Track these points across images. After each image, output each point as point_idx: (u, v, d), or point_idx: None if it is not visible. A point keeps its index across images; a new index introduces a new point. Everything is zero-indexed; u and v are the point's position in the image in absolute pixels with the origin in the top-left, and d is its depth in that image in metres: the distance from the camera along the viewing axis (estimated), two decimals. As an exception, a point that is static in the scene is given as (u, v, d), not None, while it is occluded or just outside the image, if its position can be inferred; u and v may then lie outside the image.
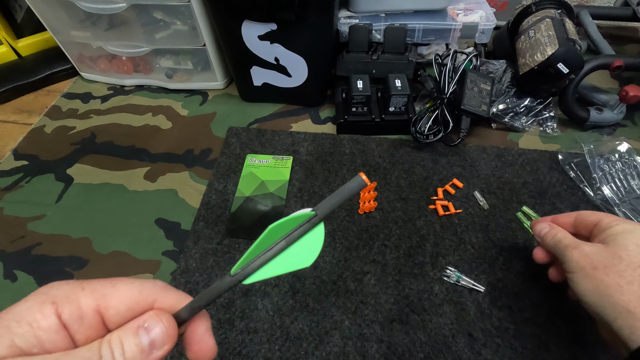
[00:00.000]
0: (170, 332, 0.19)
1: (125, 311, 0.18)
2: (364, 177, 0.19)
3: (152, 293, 0.19)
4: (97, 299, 0.18)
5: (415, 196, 0.52)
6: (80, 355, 0.16)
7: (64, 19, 0.63)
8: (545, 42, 0.53)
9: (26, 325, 0.16)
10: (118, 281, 0.19)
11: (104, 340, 0.17)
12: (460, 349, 0.39)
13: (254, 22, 0.53)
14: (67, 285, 0.18)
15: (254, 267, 0.19)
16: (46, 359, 0.16)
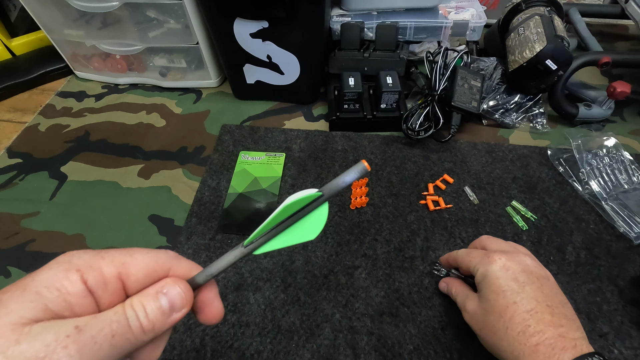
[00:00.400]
0: (187, 296, 0.21)
1: (143, 278, 0.20)
2: (366, 164, 0.20)
3: (167, 262, 0.21)
4: (117, 267, 0.19)
5: (407, 192, 0.52)
6: (108, 318, 0.18)
7: (57, 18, 0.63)
8: (534, 39, 0.54)
9: (55, 291, 0.17)
10: (134, 251, 0.20)
11: (127, 304, 0.19)
12: (449, 340, 0.40)
13: (245, 19, 0.53)
14: (87, 254, 0.19)
15: (265, 239, 0.21)
16: (78, 321, 0.17)
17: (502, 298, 0.33)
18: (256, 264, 0.46)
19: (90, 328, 0.17)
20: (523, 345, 0.30)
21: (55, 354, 0.16)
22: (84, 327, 0.17)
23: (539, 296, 0.32)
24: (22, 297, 0.17)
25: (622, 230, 0.47)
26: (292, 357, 0.39)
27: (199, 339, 0.40)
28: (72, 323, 0.17)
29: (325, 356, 0.39)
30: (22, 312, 0.16)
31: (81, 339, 0.17)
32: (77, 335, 0.17)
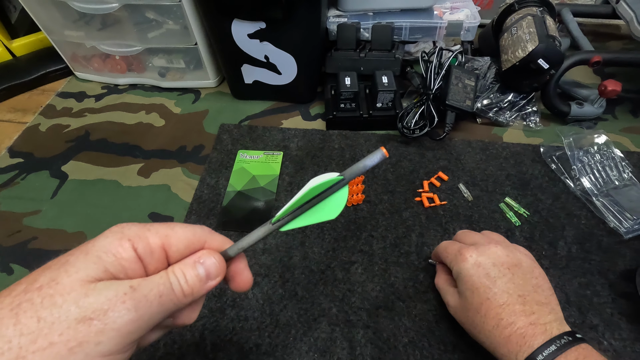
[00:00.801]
0: (221, 266, 0.24)
1: (183, 249, 0.23)
2: (385, 151, 0.22)
3: (203, 235, 0.24)
4: (161, 238, 0.22)
5: (402, 189, 0.53)
6: (155, 281, 0.21)
7: (57, 19, 0.64)
8: (526, 39, 0.55)
9: (112, 256, 0.20)
10: (175, 225, 0.23)
11: (170, 271, 0.22)
12: (443, 333, 0.41)
13: (243, 20, 0.54)
14: (135, 227, 0.22)
15: (291, 218, 0.24)
16: (132, 282, 0.20)
17: (476, 296, 0.35)
18: (255, 259, 0.46)
19: (143, 288, 0.20)
20: (498, 337, 0.32)
21: (117, 306, 0.19)
22: (137, 287, 0.20)
23: (510, 288, 0.34)
24: (86, 259, 0.20)
25: (612, 225, 0.48)
26: (290, 350, 0.40)
27: (199, 333, 0.41)
28: (127, 283, 0.20)
29: (322, 349, 0.40)
30: (88, 271, 0.19)
31: (136, 296, 0.20)
32: (133, 293, 0.20)
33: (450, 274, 0.40)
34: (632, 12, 0.61)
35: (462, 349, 0.39)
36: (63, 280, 0.19)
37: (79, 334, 0.18)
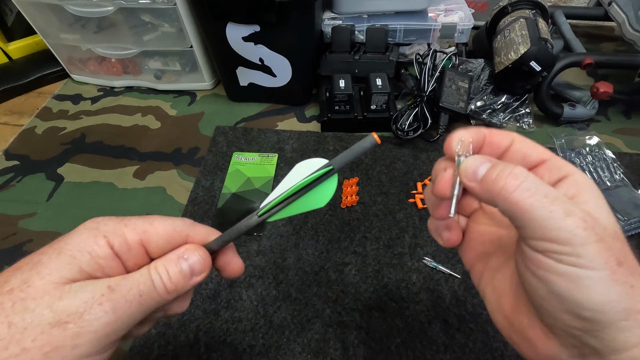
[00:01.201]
0: (206, 262, 0.23)
1: (163, 244, 0.22)
2: (376, 137, 0.21)
3: (184, 229, 0.23)
4: (139, 234, 0.21)
5: (396, 190, 0.54)
6: (136, 279, 0.20)
7: (53, 22, 0.64)
8: (519, 42, 0.56)
9: (87, 255, 0.19)
10: (154, 219, 0.22)
11: (152, 267, 0.21)
12: (436, 334, 0.41)
13: (237, 24, 0.55)
14: (111, 222, 0.21)
15: (277, 210, 0.23)
16: (110, 281, 0.19)
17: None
18: (249, 261, 0.47)
19: (121, 288, 0.19)
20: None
21: (93, 309, 0.18)
22: (115, 287, 0.19)
23: None
24: (60, 259, 0.19)
25: (603, 226, 0.48)
26: (284, 351, 0.40)
27: (193, 335, 0.41)
28: (105, 283, 0.19)
29: (316, 350, 0.40)
30: (62, 272, 0.19)
31: (114, 297, 0.19)
32: (110, 294, 0.19)
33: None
34: (624, 15, 0.62)
35: (453, 350, 0.40)
36: (35, 283, 0.18)
37: (53, 339, 0.17)
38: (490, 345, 0.40)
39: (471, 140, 0.22)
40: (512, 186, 0.18)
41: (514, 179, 0.18)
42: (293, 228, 0.50)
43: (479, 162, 0.20)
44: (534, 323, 0.20)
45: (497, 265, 0.23)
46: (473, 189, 0.20)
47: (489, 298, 0.23)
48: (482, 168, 0.20)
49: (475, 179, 0.20)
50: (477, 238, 0.25)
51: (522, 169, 0.18)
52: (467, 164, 0.20)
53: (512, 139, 0.21)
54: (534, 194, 0.17)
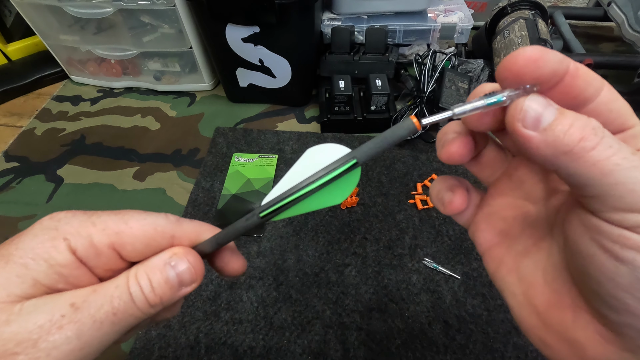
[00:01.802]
0: (198, 270, 0.18)
1: (142, 248, 0.17)
2: (415, 121, 0.16)
3: (168, 228, 0.18)
4: (110, 236, 0.17)
5: (396, 191, 0.54)
6: (109, 294, 0.16)
7: (52, 24, 0.64)
8: (518, 42, 0.56)
9: (43, 262, 0.15)
10: (130, 216, 0.17)
11: (131, 277, 0.17)
12: (436, 335, 0.41)
13: (237, 25, 0.54)
14: (76, 219, 0.17)
15: (285, 209, 0.18)
16: (74, 297, 0.15)
17: None
18: (249, 262, 0.47)
19: (89, 305, 0.15)
20: None
21: (50, 335, 0.14)
22: (81, 305, 0.15)
23: None
24: (7, 270, 0.15)
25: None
26: (284, 352, 0.40)
27: (193, 336, 0.41)
28: (67, 299, 0.15)
29: (316, 351, 0.40)
30: (10, 288, 0.15)
31: (79, 318, 0.15)
32: (74, 314, 0.15)
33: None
34: (623, 15, 0.62)
35: (453, 351, 0.40)
36: None
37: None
38: (490, 346, 0.40)
39: (552, 71, 0.14)
40: (592, 141, 0.13)
41: (592, 133, 0.13)
42: (293, 229, 0.50)
43: (541, 105, 0.14)
44: (584, 321, 0.16)
45: (524, 249, 0.18)
46: (530, 140, 0.14)
47: (511, 290, 0.18)
48: (547, 114, 0.14)
49: (536, 126, 0.14)
50: (497, 212, 0.20)
51: (599, 123, 0.14)
52: (527, 104, 0.14)
53: (600, 89, 0.15)
54: (619, 151, 0.13)
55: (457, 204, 0.20)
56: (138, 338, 0.41)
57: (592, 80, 0.14)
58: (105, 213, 0.17)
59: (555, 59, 0.14)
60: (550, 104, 0.14)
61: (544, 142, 0.14)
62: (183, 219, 0.19)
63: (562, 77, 0.14)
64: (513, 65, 0.14)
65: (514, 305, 0.18)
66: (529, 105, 0.14)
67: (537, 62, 0.14)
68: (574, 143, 0.13)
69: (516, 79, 0.14)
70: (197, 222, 0.20)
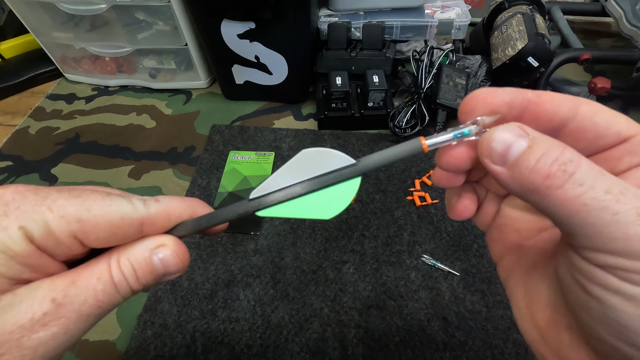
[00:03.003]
0: (184, 258, 0.18)
1: (107, 237, 0.16)
2: (423, 143, 0.16)
3: (135, 216, 0.16)
4: (70, 224, 0.15)
5: (394, 188, 0.53)
6: (91, 286, 0.15)
7: (46, 21, 0.63)
8: (516, 37, 0.55)
9: (1, 255, 0.14)
10: (92, 201, 0.15)
11: (113, 266, 0.16)
12: (435, 332, 0.41)
13: (232, 21, 0.54)
14: (27, 202, 0.14)
15: (273, 200, 0.18)
16: (53, 290, 0.15)
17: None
18: (246, 260, 0.46)
19: (72, 300, 0.15)
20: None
21: (34, 333, 0.14)
22: (63, 300, 0.15)
23: None
24: None
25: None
26: (282, 351, 0.40)
27: (190, 335, 0.41)
28: (46, 295, 0.14)
29: (314, 349, 0.40)
30: None
31: (63, 314, 0.14)
32: (57, 310, 0.14)
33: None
34: (621, 10, 0.62)
35: (453, 348, 0.39)
36: None
37: None
38: (490, 343, 0.40)
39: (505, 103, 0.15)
40: (560, 180, 0.12)
41: (561, 168, 0.13)
42: (290, 227, 0.49)
43: (511, 136, 0.14)
44: (577, 344, 0.15)
45: (533, 263, 0.18)
46: (498, 175, 0.14)
47: (517, 303, 0.18)
48: (516, 147, 0.13)
49: (504, 161, 0.14)
50: (511, 224, 0.19)
51: (574, 152, 0.13)
52: (493, 137, 0.14)
53: (577, 107, 0.14)
54: (590, 189, 0.12)
55: (459, 210, 0.20)
56: (134, 337, 0.41)
57: (561, 102, 0.14)
58: (60, 194, 0.15)
59: (507, 92, 0.15)
60: (523, 133, 0.14)
61: (511, 178, 0.14)
62: (150, 200, 0.17)
63: (525, 106, 0.15)
64: (466, 106, 0.15)
65: (518, 316, 0.18)
66: (497, 136, 0.14)
67: (486, 99, 0.15)
68: (539, 181, 0.13)
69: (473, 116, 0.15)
70: (164, 203, 0.17)
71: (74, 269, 0.16)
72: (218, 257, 0.47)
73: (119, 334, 0.41)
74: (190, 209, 0.18)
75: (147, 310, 0.42)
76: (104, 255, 0.16)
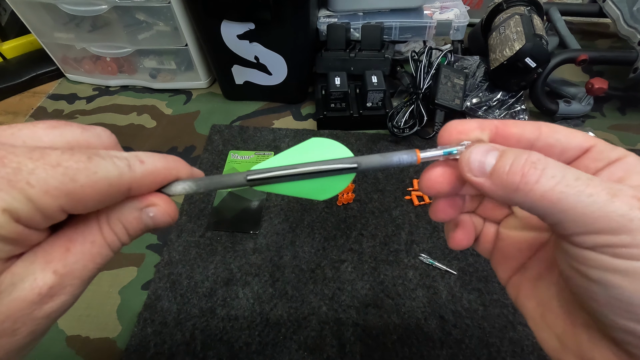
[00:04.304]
0: (172, 213, 0.18)
1: (94, 205, 0.15)
2: (418, 155, 0.18)
3: (123, 182, 0.15)
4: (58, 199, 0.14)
5: (392, 187, 0.54)
6: (88, 252, 0.16)
7: (47, 22, 0.64)
8: (514, 38, 0.56)
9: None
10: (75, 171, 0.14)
11: (105, 229, 0.16)
12: (432, 330, 0.41)
13: (232, 21, 0.54)
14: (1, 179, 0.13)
15: (272, 176, 0.18)
16: (50, 259, 0.15)
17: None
18: (245, 259, 0.47)
19: (73, 269, 0.15)
20: None
21: (45, 305, 0.14)
22: (64, 271, 0.15)
23: None
24: None
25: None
26: (280, 348, 0.40)
27: (189, 333, 0.41)
28: (46, 268, 0.14)
29: (312, 347, 0.40)
30: None
31: (67, 283, 0.15)
32: (61, 280, 0.15)
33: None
34: (619, 11, 0.62)
35: (450, 346, 0.40)
36: None
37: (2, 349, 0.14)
38: (487, 341, 0.40)
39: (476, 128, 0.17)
40: (534, 176, 0.14)
41: (532, 167, 0.15)
42: (289, 226, 0.50)
43: (483, 150, 0.16)
44: (597, 339, 0.16)
45: (537, 273, 0.19)
46: (482, 186, 0.16)
47: (532, 314, 0.19)
48: (490, 157, 0.16)
49: (483, 173, 0.16)
50: (510, 246, 0.21)
51: (540, 154, 0.15)
52: (468, 155, 0.16)
53: (538, 131, 0.17)
54: (562, 179, 0.14)
55: (458, 240, 0.21)
56: (134, 335, 0.41)
57: (524, 125, 0.17)
58: (35, 163, 0.13)
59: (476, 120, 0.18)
60: (492, 148, 0.16)
61: (493, 185, 0.16)
62: (134, 160, 0.16)
63: (495, 132, 0.17)
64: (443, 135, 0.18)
65: (535, 329, 0.19)
66: (473, 152, 0.16)
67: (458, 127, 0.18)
68: (517, 180, 0.15)
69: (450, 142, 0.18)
70: (150, 164, 0.17)
71: (63, 234, 0.16)
72: (217, 256, 0.47)
73: (119, 331, 0.42)
74: (175, 170, 0.18)
75: (147, 308, 0.43)
76: (91, 216, 0.16)
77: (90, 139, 0.17)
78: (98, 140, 0.17)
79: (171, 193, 0.18)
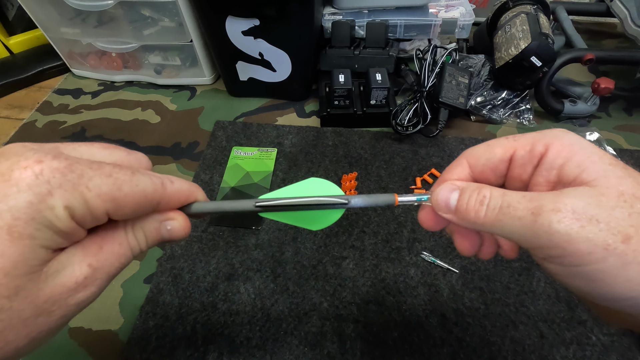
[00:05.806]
0: (187, 229, 0.21)
1: (130, 213, 0.18)
2: (396, 198, 0.22)
3: (156, 195, 0.19)
4: (106, 203, 0.17)
5: (395, 185, 0.54)
6: (116, 253, 0.19)
7: (54, 16, 0.64)
8: (520, 37, 0.55)
9: (47, 231, 0.16)
10: (122, 183, 0.17)
11: (130, 238, 0.19)
12: (433, 328, 0.41)
13: (237, 17, 0.54)
14: (67, 181, 0.16)
15: (277, 204, 0.22)
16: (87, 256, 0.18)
17: None
18: (247, 254, 0.47)
19: (103, 265, 0.18)
20: None
21: (78, 293, 0.17)
22: (97, 265, 0.18)
23: None
24: (17, 245, 0.15)
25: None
26: (280, 344, 0.40)
27: (191, 327, 0.41)
28: (83, 260, 0.17)
29: (313, 343, 0.40)
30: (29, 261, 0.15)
31: (98, 276, 0.18)
32: (94, 274, 0.18)
33: None
34: (626, 10, 0.61)
35: (450, 344, 0.40)
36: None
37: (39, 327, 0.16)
38: (488, 340, 0.40)
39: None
40: (481, 212, 0.18)
41: (480, 203, 0.18)
42: (291, 222, 0.50)
43: (446, 191, 0.20)
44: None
45: None
46: (452, 220, 0.20)
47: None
48: (452, 198, 0.20)
49: (449, 210, 0.20)
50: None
51: (488, 188, 0.19)
52: (436, 197, 0.20)
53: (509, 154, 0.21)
54: (499, 208, 0.18)
55: (464, 248, 0.24)
56: (136, 328, 0.41)
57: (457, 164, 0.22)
58: (94, 172, 0.16)
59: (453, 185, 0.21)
60: (455, 187, 0.20)
61: (459, 219, 0.19)
62: (166, 180, 0.20)
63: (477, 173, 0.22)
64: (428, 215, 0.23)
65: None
66: (439, 194, 0.20)
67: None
68: (473, 216, 0.18)
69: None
70: (178, 185, 0.20)
71: (97, 235, 0.18)
72: (219, 251, 0.47)
73: (121, 324, 0.42)
74: (195, 193, 0.22)
75: (149, 302, 0.43)
76: (119, 223, 0.19)
77: (132, 160, 0.20)
78: (138, 162, 0.21)
79: (189, 212, 0.21)
